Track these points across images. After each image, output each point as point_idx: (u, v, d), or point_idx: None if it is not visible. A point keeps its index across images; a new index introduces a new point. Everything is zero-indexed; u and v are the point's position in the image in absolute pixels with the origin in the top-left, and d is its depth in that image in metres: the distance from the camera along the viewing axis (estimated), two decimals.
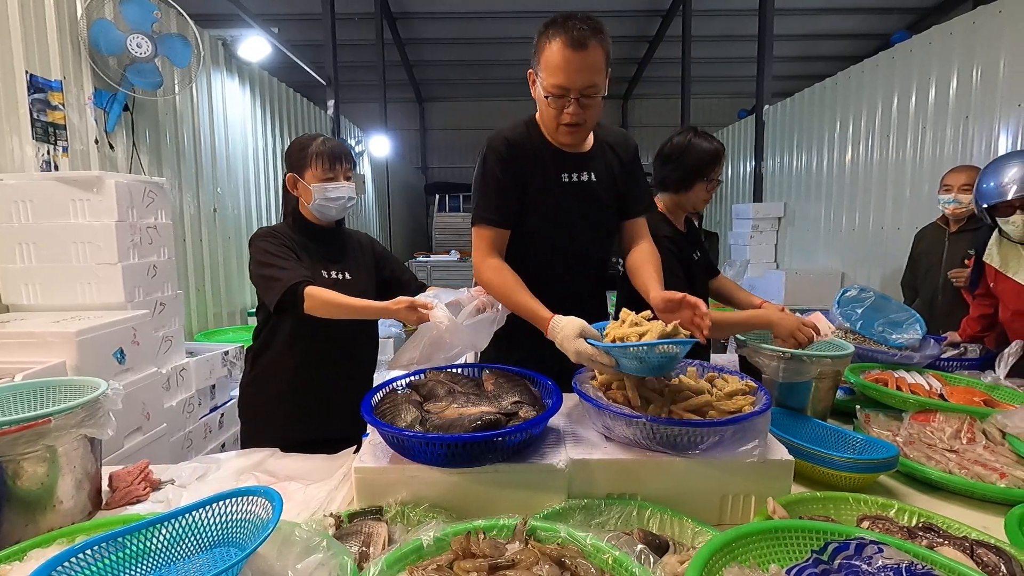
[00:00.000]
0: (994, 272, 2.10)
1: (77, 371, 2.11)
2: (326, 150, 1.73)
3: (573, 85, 1.39)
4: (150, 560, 0.85)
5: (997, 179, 1.93)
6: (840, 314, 2.09)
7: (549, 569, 0.79)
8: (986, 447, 1.33)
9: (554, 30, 1.38)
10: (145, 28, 3.08)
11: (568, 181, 1.57)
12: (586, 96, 1.40)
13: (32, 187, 2.55)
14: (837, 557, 0.79)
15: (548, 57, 1.39)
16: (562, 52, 1.36)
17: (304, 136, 1.78)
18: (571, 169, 1.57)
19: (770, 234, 6.72)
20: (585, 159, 1.59)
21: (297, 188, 1.75)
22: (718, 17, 9.40)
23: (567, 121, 1.45)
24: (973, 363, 2.00)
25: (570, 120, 1.45)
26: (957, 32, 3.99)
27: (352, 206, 1.80)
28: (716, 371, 1.36)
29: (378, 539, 0.94)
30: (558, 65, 1.37)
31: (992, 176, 1.96)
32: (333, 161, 1.73)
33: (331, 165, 1.73)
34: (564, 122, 1.46)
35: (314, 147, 1.73)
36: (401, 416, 1.16)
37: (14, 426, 1.04)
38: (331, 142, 1.77)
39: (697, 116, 10.86)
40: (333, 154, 1.74)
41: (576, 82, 1.39)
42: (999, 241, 2.08)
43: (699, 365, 1.39)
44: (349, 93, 9.89)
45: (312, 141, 1.75)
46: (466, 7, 9.25)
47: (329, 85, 7.41)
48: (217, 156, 4.53)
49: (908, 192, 4.51)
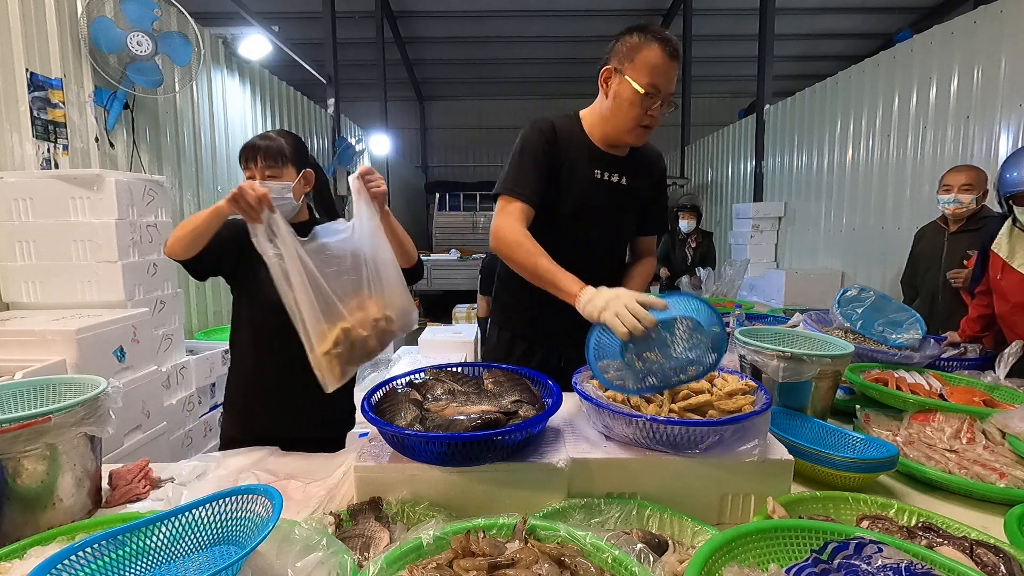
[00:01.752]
0: (1000, 264, 2.11)
1: (77, 369, 2.11)
2: (259, 148, 1.55)
3: (666, 89, 1.47)
4: (150, 558, 0.85)
5: (1020, 168, 1.97)
6: (840, 314, 2.09)
7: (549, 568, 0.79)
8: (986, 447, 1.33)
9: (650, 36, 1.45)
10: (145, 26, 3.08)
11: (599, 178, 1.62)
12: (666, 103, 1.50)
13: (32, 185, 2.55)
14: (837, 557, 0.79)
15: (647, 58, 1.45)
16: (661, 56, 1.44)
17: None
18: (605, 168, 1.62)
19: (770, 234, 6.72)
20: (620, 163, 1.64)
21: None
22: (718, 16, 9.40)
23: (648, 122, 1.52)
24: (973, 363, 2.00)
25: (651, 121, 1.52)
26: (958, 32, 3.99)
27: (285, 208, 1.55)
28: (717, 370, 1.36)
29: (379, 543, 0.94)
30: (658, 67, 1.45)
31: (1015, 166, 1.99)
32: (245, 156, 1.57)
33: (243, 161, 1.57)
34: (644, 123, 1.52)
35: (249, 146, 1.57)
36: (401, 415, 1.16)
37: (14, 424, 1.04)
38: (262, 137, 1.59)
39: (697, 115, 10.86)
40: (245, 148, 1.57)
41: (668, 87, 1.48)
42: (1011, 231, 2.09)
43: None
44: (349, 92, 9.89)
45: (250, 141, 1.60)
46: (467, 6, 9.25)
47: (329, 83, 7.41)
48: (217, 154, 4.53)
49: (908, 192, 4.51)
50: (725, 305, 3.39)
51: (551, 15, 9.52)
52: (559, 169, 1.57)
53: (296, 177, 1.60)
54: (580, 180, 1.59)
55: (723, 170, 8.59)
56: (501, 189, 1.55)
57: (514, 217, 1.51)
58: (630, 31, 1.49)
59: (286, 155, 1.57)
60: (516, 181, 1.54)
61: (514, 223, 1.50)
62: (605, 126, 1.57)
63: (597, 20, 9.44)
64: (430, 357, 3.35)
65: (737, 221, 7.10)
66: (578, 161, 1.59)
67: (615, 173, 1.64)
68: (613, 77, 1.51)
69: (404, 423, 1.13)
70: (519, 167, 1.55)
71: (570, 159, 1.58)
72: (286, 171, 1.58)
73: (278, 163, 1.57)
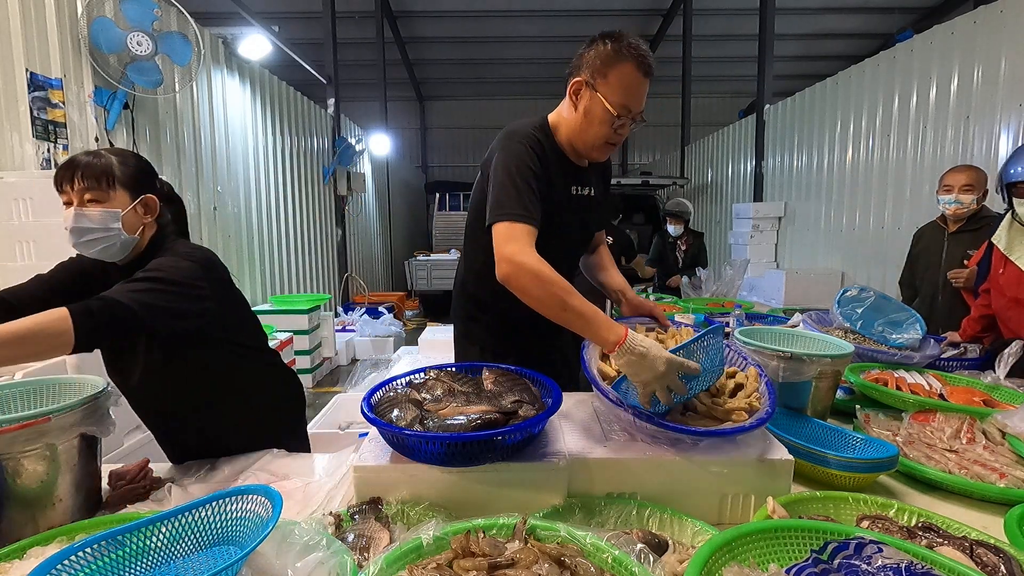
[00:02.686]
0: (1001, 259, 2.13)
1: (77, 369, 2.11)
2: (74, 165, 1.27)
3: (636, 108, 1.41)
4: (149, 558, 0.85)
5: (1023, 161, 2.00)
6: (840, 314, 2.09)
7: (549, 568, 0.79)
8: (986, 447, 1.33)
9: (625, 51, 1.36)
10: (145, 26, 3.08)
11: (575, 194, 1.57)
12: (636, 121, 1.44)
13: (32, 185, 2.55)
14: (837, 557, 0.79)
15: (621, 77, 1.37)
16: (635, 75, 1.37)
17: None
18: (577, 182, 1.58)
19: (770, 234, 6.72)
20: (586, 173, 1.60)
21: None
22: (719, 16, 9.41)
23: (615, 140, 1.46)
24: (973, 363, 2.00)
25: (618, 140, 1.47)
26: (958, 32, 3.99)
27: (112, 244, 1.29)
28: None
29: (379, 543, 0.94)
30: (630, 87, 1.38)
31: (1019, 160, 2.02)
32: (59, 176, 1.28)
33: (58, 183, 1.29)
34: (612, 140, 1.46)
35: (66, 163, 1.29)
36: (401, 415, 1.16)
37: (14, 424, 1.04)
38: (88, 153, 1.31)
39: (697, 115, 10.87)
40: (61, 166, 1.29)
41: (639, 106, 1.42)
42: (1010, 224, 2.12)
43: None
44: (349, 91, 9.89)
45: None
46: (466, 6, 9.25)
47: (329, 83, 7.41)
48: (217, 154, 4.54)
49: (908, 192, 4.51)
50: (725, 305, 3.39)
51: (551, 15, 9.53)
52: (544, 191, 1.45)
53: (130, 204, 1.31)
54: (560, 199, 1.52)
55: (723, 170, 8.60)
56: (503, 215, 1.36)
57: (529, 244, 1.34)
58: (603, 39, 1.39)
59: (113, 176, 1.29)
60: (518, 203, 1.37)
61: (533, 253, 1.32)
62: (575, 140, 1.49)
63: (597, 20, 9.45)
64: (430, 357, 3.34)
65: (737, 221, 7.11)
66: (557, 179, 1.51)
67: (585, 186, 1.59)
68: (584, 91, 1.41)
69: (404, 423, 1.13)
70: (520, 188, 1.39)
71: (552, 179, 1.49)
72: (115, 196, 1.29)
73: (102, 185, 1.28)
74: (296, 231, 6.37)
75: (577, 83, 1.42)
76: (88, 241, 1.28)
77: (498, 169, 1.42)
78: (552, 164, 1.49)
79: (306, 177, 6.67)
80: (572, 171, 1.55)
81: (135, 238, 1.34)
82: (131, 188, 1.32)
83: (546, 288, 1.27)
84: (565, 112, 1.49)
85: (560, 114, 1.52)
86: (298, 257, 6.44)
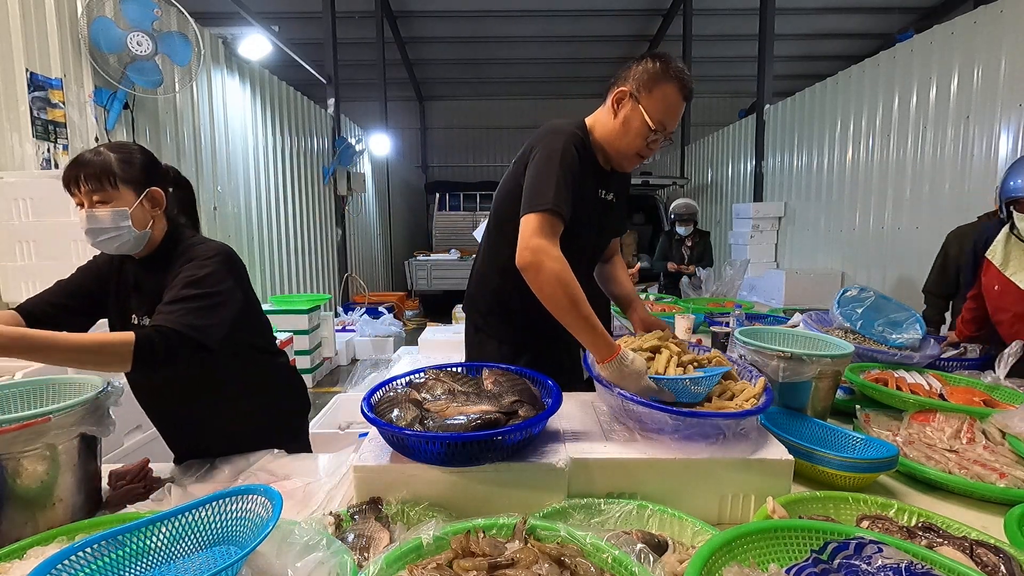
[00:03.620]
0: (996, 273, 2.09)
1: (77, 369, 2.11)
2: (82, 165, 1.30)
3: (671, 127, 1.49)
4: (149, 558, 0.85)
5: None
6: (840, 314, 2.09)
7: (549, 568, 0.79)
8: (986, 447, 1.33)
9: (672, 72, 1.44)
10: (145, 26, 3.08)
11: (601, 197, 1.63)
12: (666, 138, 1.52)
13: (32, 185, 2.55)
14: (837, 557, 0.79)
15: (664, 95, 1.45)
16: (676, 96, 1.46)
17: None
18: (604, 186, 1.63)
19: (770, 234, 6.72)
20: (611, 179, 1.65)
21: None
22: (719, 16, 9.40)
23: (646, 154, 1.53)
24: (973, 363, 2.00)
25: (648, 154, 1.53)
26: (958, 32, 3.99)
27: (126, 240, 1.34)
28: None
29: (379, 543, 0.94)
30: (671, 106, 1.46)
31: (1019, 173, 2.00)
32: (67, 178, 1.31)
33: (67, 185, 1.32)
34: (643, 153, 1.53)
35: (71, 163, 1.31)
36: (401, 415, 1.16)
37: (14, 424, 1.04)
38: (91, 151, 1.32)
39: (697, 115, 10.88)
40: (68, 166, 1.31)
41: (673, 126, 1.50)
42: (1007, 239, 2.08)
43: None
44: (349, 91, 9.89)
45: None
46: (466, 6, 9.24)
47: (329, 83, 7.41)
48: (217, 154, 4.54)
49: (908, 192, 4.51)
50: (725, 305, 3.38)
51: (551, 15, 9.52)
52: (577, 190, 1.49)
53: (136, 200, 1.33)
54: (589, 200, 1.58)
55: (723, 170, 8.60)
56: (542, 205, 1.39)
57: (556, 240, 1.39)
58: (653, 58, 1.46)
59: (114, 175, 1.30)
60: (558, 196, 1.40)
61: (556, 252, 1.36)
62: (608, 146, 1.55)
63: (597, 20, 9.44)
64: (430, 357, 3.34)
65: (737, 221, 7.11)
66: (589, 181, 1.57)
67: (610, 191, 1.65)
68: (627, 101, 1.47)
69: (404, 423, 1.13)
70: (560, 182, 1.41)
71: (586, 179, 1.55)
72: (120, 194, 1.31)
73: (104, 185, 1.29)
74: (296, 231, 6.37)
75: (621, 92, 1.48)
76: (104, 240, 1.33)
77: (540, 160, 1.46)
78: (587, 165, 1.55)
79: (306, 177, 6.67)
80: (601, 174, 1.61)
81: (147, 232, 1.37)
82: (134, 184, 1.33)
83: (562, 288, 1.32)
84: (603, 118, 1.55)
85: (597, 118, 1.57)
86: (298, 257, 6.44)
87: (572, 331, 1.33)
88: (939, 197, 4.11)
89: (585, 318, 1.31)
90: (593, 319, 1.31)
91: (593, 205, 1.60)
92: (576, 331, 1.33)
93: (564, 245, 1.43)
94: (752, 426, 1.20)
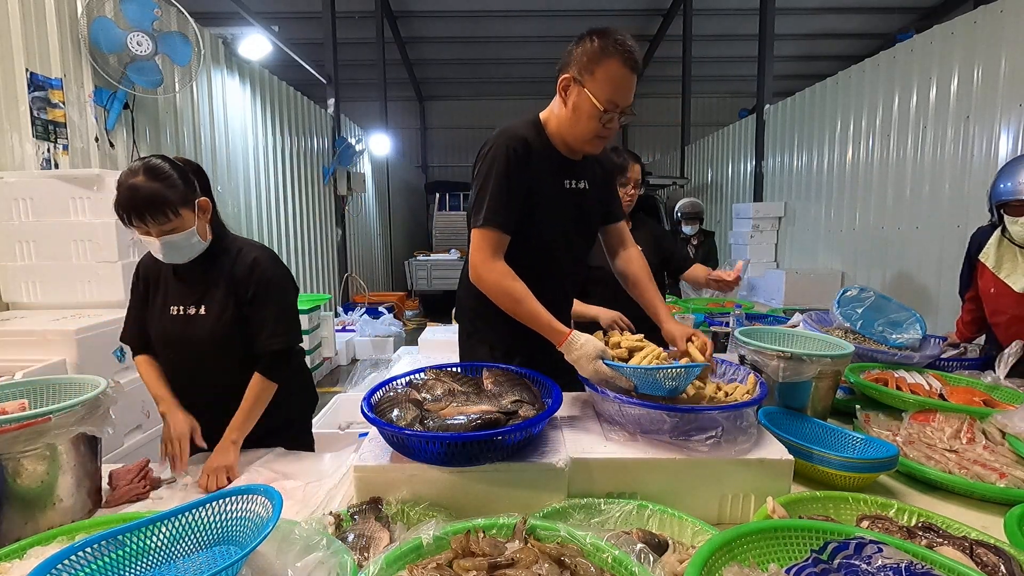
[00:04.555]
0: (991, 276, 2.09)
1: (77, 369, 2.11)
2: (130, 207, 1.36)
3: (625, 103, 1.43)
4: (149, 558, 0.85)
5: (1015, 178, 1.95)
6: (840, 314, 2.09)
7: (549, 568, 0.79)
8: (986, 447, 1.33)
9: (612, 47, 1.39)
10: (145, 26, 3.07)
11: (569, 187, 1.59)
12: (625, 115, 1.46)
13: (32, 185, 2.55)
14: (837, 557, 0.79)
15: (608, 73, 1.40)
16: (621, 71, 1.40)
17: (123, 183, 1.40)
18: (571, 176, 1.59)
19: (770, 234, 6.71)
20: (580, 166, 1.61)
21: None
22: (719, 16, 9.40)
23: (605, 134, 1.49)
24: (973, 363, 2.00)
25: (608, 133, 1.49)
26: (958, 32, 3.99)
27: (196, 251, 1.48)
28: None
29: (379, 543, 0.94)
30: (617, 82, 1.40)
31: (1010, 175, 1.98)
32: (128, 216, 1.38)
33: (128, 221, 1.39)
34: (602, 134, 1.49)
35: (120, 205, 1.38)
36: (401, 415, 1.16)
37: (14, 424, 1.04)
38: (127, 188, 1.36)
39: (697, 115, 10.86)
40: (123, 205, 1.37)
41: (627, 101, 1.44)
42: (999, 242, 2.07)
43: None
44: (349, 91, 9.89)
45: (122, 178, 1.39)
46: (467, 6, 9.24)
47: (329, 83, 7.41)
48: (217, 154, 4.53)
49: (908, 192, 4.51)
50: (725, 305, 3.38)
51: (551, 15, 9.51)
52: (533, 188, 1.51)
53: (194, 216, 1.44)
54: (552, 194, 1.55)
55: (723, 170, 8.60)
56: (476, 220, 1.46)
57: (490, 254, 1.45)
58: (591, 36, 1.42)
59: (172, 203, 1.38)
60: (493, 209, 1.45)
61: (492, 262, 1.45)
62: (565, 135, 1.52)
63: (597, 20, 9.41)
64: (430, 357, 3.34)
65: (737, 221, 7.10)
66: (549, 175, 1.54)
67: (581, 179, 1.60)
68: (572, 87, 1.44)
69: (404, 423, 1.13)
70: (494, 193, 1.45)
71: (542, 174, 1.52)
72: (182, 217, 1.40)
73: (169, 217, 1.38)
74: (296, 231, 6.37)
75: (565, 80, 1.45)
76: (176, 256, 1.46)
77: (479, 174, 1.50)
78: (542, 160, 1.52)
79: (306, 177, 6.66)
80: (566, 165, 1.58)
81: (208, 237, 1.52)
82: (187, 203, 1.43)
83: (503, 292, 1.44)
84: (556, 108, 1.53)
85: (551, 110, 1.55)
86: (298, 257, 6.43)
87: (528, 326, 1.42)
88: (939, 197, 4.11)
89: (529, 311, 1.40)
90: (537, 310, 1.40)
91: (559, 198, 1.57)
92: (529, 325, 1.42)
93: (533, 243, 1.52)
94: (751, 424, 1.20)
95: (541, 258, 1.57)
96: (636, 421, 1.20)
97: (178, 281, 1.54)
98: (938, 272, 4.09)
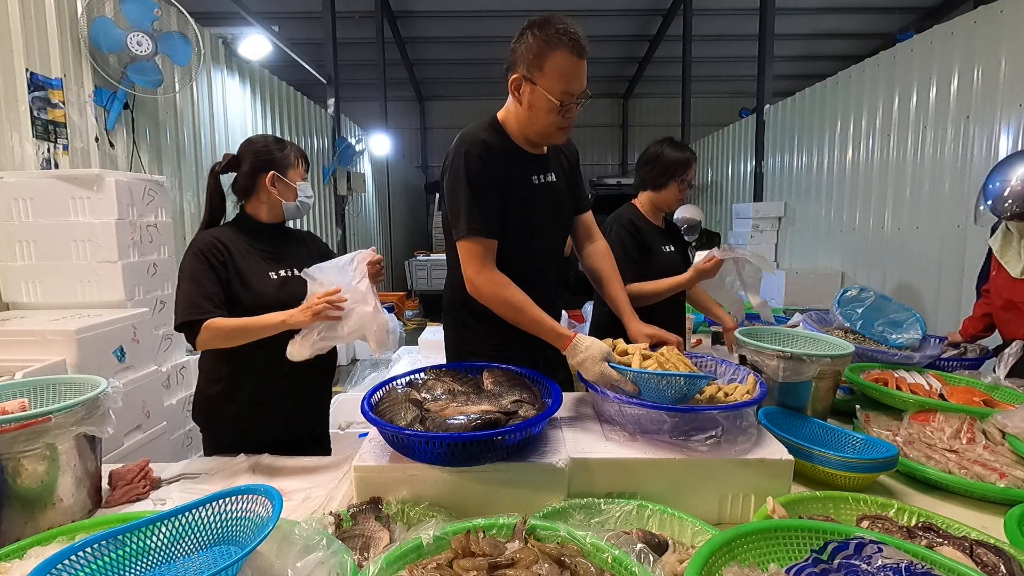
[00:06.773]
0: (996, 263, 2.17)
1: (77, 369, 2.11)
2: (301, 152, 1.71)
3: (578, 90, 1.41)
4: (150, 558, 0.85)
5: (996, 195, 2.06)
6: (840, 314, 2.09)
7: (549, 568, 0.79)
8: (986, 447, 1.33)
9: (555, 38, 1.36)
10: (145, 26, 3.07)
11: (538, 183, 1.57)
12: (580, 99, 1.44)
13: (32, 185, 2.55)
14: (837, 557, 0.79)
15: (556, 65, 1.37)
16: (569, 60, 1.37)
17: (261, 136, 1.71)
18: (538, 171, 1.58)
19: (770, 234, 6.72)
20: (546, 160, 1.60)
21: (276, 186, 1.63)
22: (719, 16, 9.40)
23: (567, 124, 1.47)
24: (973, 363, 2.00)
25: (569, 123, 1.47)
26: (958, 32, 3.99)
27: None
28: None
29: (379, 543, 0.94)
30: (567, 73, 1.38)
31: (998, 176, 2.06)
32: (307, 163, 1.74)
33: (307, 167, 1.73)
34: (563, 126, 1.47)
35: (291, 147, 1.69)
36: (401, 415, 1.16)
37: (14, 424, 1.04)
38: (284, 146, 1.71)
39: (697, 115, 10.85)
40: (306, 157, 1.73)
41: (580, 87, 1.41)
42: (1004, 231, 2.17)
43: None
44: (349, 91, 9.88)
45: (281, 141, 1.70)
46: (467, 6, 9.24)
47: (329, 83, 7.40)
48: (217, 154, 4.52)
49: (908, 192, 4.51)
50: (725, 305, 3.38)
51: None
52: (503, 188, 1.49)
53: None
54: (523, 192, 1.53)
55: (723, 170, 8.60)
56: (460, 232, 1.45)
57: (480, 265, 1.44)
58: (531, 29, 1.39)
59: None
60: (472, 218, 1.44)
61: (485, 273, 1.44)
62: (526, 132, 1.51)
63: (597, 20, 9.43)
64: (430, 357, 3.34)
65: (737, 221, 7.10)
66: (516, 173, 1.52)
67: (547, 173, 1.59)
68: (524, 85, 1.42)
69: (404, 423, 1.13)
70: (469, 201, 1.44)
71: (509, 174, 1.50)
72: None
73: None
74: None
75: (516, 80, 1.44)
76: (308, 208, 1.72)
77: (448, 184, 1.49)
78: (506, 160, 1.50)
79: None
80: (531, 161, 1.56)
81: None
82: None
83: (503, 302, 1.43)
84: (512, 107, 1.51)
85: (508, 109, 1.54)
86: None
87: (530, 332, 1.42)
88: (939, 197, 4.11)
89: (531, 319, 1.40)
90: (539, 317, 1.40)
91: (530, 195, 1.55)
92: (532, 332, 1.42)
93: (511, 242, 1.50)
94: (751, 424, 1.20)
95: (521, 257, 1.55)
96: (636, 421, 1.20)
97: (262, 250, 1.64)
98: (938, 272, 4.09)
